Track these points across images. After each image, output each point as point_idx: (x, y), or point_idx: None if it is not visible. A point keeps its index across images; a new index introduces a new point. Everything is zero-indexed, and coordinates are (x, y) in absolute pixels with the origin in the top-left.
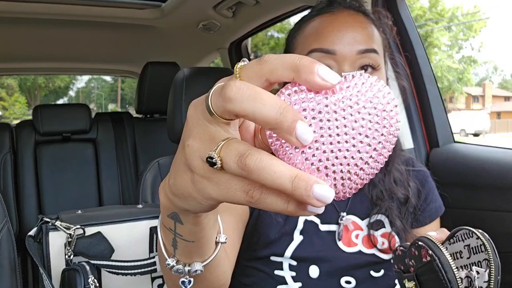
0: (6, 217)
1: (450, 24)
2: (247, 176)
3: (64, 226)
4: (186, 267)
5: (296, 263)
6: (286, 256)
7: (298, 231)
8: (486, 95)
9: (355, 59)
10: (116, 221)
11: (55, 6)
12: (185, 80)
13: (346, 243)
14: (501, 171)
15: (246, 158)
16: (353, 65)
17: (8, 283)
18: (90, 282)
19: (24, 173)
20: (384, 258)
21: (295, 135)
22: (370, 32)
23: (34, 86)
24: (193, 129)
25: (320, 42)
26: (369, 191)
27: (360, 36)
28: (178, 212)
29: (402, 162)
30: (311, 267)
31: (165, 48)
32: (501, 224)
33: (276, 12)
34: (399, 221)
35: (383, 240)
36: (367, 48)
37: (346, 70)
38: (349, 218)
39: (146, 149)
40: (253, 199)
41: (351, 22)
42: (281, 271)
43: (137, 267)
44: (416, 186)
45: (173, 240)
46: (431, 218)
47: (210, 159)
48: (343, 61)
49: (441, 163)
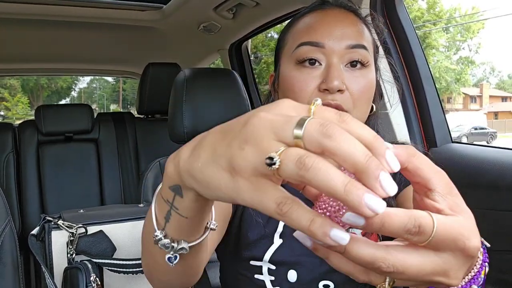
0: (9, 216)
1: (448, 26)
2: (302, 177)
3: (66, 225)
4: (174, 244)
5: (274, 267)
6: (265, 259)
7: (278, 233)
8: (484, 95)
9: (344, 53)
10: (118, 220)
11: (57, 8)
12: (186, 81)
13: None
14: (499, 171)
15: (306, 158)
16: (342, 59)
17: (10, 282)
18: (92, 281)
19: (26, 173)
20: None
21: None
22: (360, 29)
23: (37, 86)
24: (256, 137)
25: (310, 36)
26: None
27: (350, 31)
28: (182, 186)
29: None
30: (289, 271)
31: (166, 49)
32: (498, 224)
33: (276, 13)
34: None
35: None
36: (356, 43)
37: (335, 63)
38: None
39: (147, 149)
40: (281, 212)
41: (341, 18)
42: (260, 275)
43: (139, 266)
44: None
45: (167, 212)
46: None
47: (270, 160)
48: (331, 54)
49: (439, 163)
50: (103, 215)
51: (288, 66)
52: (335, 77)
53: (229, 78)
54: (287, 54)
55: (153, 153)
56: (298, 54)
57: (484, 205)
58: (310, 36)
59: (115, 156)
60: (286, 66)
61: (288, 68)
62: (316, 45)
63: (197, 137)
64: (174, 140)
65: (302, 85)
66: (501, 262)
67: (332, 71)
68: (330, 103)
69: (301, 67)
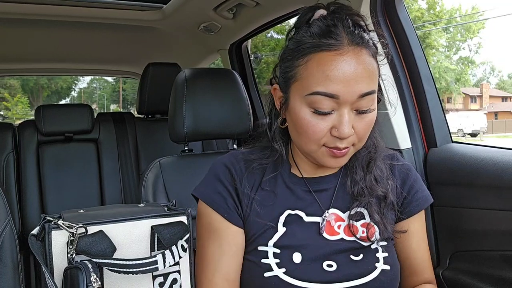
0: (9, 216)
1: (448, 26)
2: None
3: (66, 225)
4: None
5: (279, 251)
6: (270, 245)
7: (281, 223)
8: (484, 95)
9: (355, 101)
10: (118, 220)
11: (57, 8)
12: (186, 81)
13: (328, 232)
14: (498, 171)
15: None
16: (352, 106)
17: (10, 282)
18: (92, 281)
19: (26, 173)
20: (364, 244)
21: None
22: (371, 69)
23: (37, 86)
24: None
25: (325, 86)
26: (351, 188)
27: (363, 79)
28: None
29: (387, 157)
30: (294, 254)
31: (166, 49)
32: (498, 223)
33: (276, 13)
34: (377, 215)
35: (363, 229)
36: (368, 91)
37: (347, 113)
38: (331, 212)
39: (147, 149)
40: None
41: (355, 65)
42: (266, 259)
43: (139, 266)
44: (394, 183)
45: None
46: (419, 207)
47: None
48: (344, 104)
49: (439, 163)
50: (103, 215)
51: (300, 106)
52: (347, 127)
53: (229, 78)
54: (299, 92)
55: (153, 153)
56: (313, 101)
57: (484, 205)
58: (326, 86)
59: (115, 156)
60: (299, 105)
61: (302, 109)
62: (331, 96)
63: None
64: (174, 140)
65: (316, 130)
66: (501, 261)
67: (344, 121)
68: (339, 147)
69: (315, 113)
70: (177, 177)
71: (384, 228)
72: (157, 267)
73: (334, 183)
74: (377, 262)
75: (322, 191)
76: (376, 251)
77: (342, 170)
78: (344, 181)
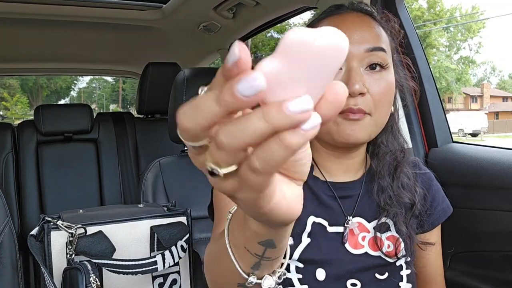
0: (8, 216)
1: (448, 25)
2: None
3: (65, 226)
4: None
5: (302, 266)
6: (294, 258)
7: (306, 233)
8: (485, 95)
9: (363, 57)
10: (117, 220)
11: (57, 7)
12: (185, 81)
13: (352, 245)
14: (499, 171)
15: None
16: (361, 63)
17: (10, 282)
18: (91, 281)
19: (26, 173)
20: (389, 261)
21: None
22: (378, 32)
23: (36, 86)
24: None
25: None
26: (378, 196)
27: (368, 35)
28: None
29: (410, 165)
30: (318, 270)
31: (166, 49)
32: (500, 224)
33: (276, 13)
34: (405, 227)
35: (388, 243)
36: (374, 46)
37: (355, 67)
38: (356, 221)
39: (147, 149)
40: (255, 172)
41: (359, 22)
42: (288, 273)
43: (138, 266)
44: (423, 191)
45: (255, 263)
46: (439, 220)
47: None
48: (351, 58)
49: (440, 163)
50: (102, 215)
51: None
52: (356, 81)
53: None
54: None
55: (153, 153)
56: None
57: (484, 205)
58: None
59: (115, 156)
60: None
61: None
62: None
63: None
64: (174, 140)
65: None
66: (502, 262)
67: (353, 75)
68: (352, 108)
69: None
70: (176, 177)
71: (410, 241)
72: (156, 268)
73: (358, 189)
74: (400, 281)
75: (346, 197)
76: (401, 269)
77: (366, 175)
78: (369, 188)
